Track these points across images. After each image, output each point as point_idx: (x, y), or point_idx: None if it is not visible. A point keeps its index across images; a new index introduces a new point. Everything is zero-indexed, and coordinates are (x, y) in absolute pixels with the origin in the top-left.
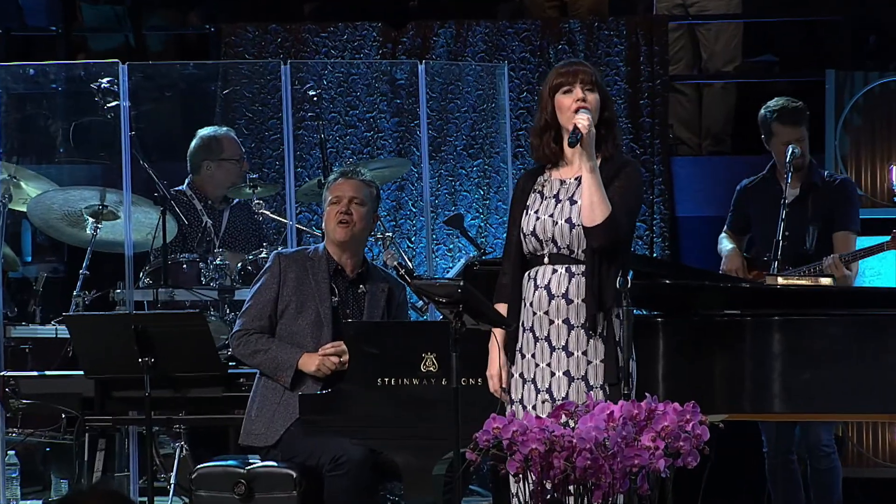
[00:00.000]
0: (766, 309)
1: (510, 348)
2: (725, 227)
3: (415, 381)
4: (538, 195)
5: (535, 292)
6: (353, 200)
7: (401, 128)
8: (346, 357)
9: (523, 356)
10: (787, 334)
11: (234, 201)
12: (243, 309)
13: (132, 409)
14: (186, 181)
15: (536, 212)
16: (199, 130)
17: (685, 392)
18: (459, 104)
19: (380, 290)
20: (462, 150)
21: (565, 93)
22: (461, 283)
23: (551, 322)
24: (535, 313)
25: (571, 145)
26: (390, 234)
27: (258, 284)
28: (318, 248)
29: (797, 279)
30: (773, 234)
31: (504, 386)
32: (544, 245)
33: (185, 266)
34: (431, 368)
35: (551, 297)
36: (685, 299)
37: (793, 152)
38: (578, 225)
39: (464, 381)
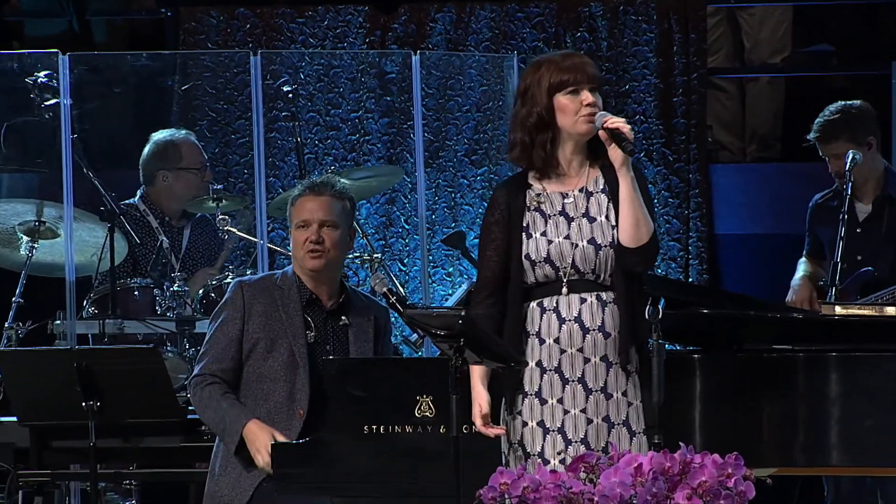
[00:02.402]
0: (822, 343)
1: (512, 391)
2: (804, 251)
3: (408, 429)
4: (536, 213)
5: (561, 326)
6: (325, 224)
7: (391, 130)
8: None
9: (544, 402)
10: (847, 373)
11: (196, 216)
12: (201, 351)
13: (74, 462)
14: (139, 193)
15: (544, 234)
16: (154, 134)
17: (726, 441)
18: (460, 102)
19: (365, 320)
20: (463, 157)
21: (570, 93)
22: (462, 314)
23: (587, 360)
24: (563, 351)
25: (631, 153)
26: (379, 255)
27: (218, 321)
28: (287, 272)
29: (858, 308)
30: (846, 258)
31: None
32: (561, 272)
33: (136, 293)
34: (427, 413)
35: (585, 331)
36: (727, 332)
37: (853, 158)
38: (605, 246)
39: (465, 429)
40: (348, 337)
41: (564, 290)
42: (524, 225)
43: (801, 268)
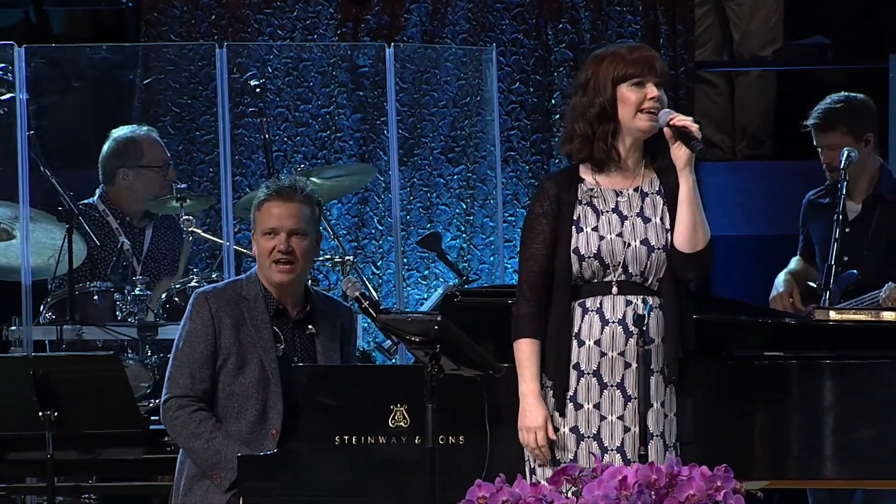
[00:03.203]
0: (816, 350)
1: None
2: (797, 250)
3: (382, 440)
4: (588, 208)
5: (603, 328)
6: (294, 233)
7: (364, 126)
8: None
9: (579, 407)
10: (842, 381)
11: (158, 217)
12: (171, 369)
13: (31, 475)
14: (98, 192)
15: (595, 229)
16: (114, 131)
17: (716, 452)
18: (436, 97)
19: (331, 327)
20: (440, 154)
21: (634, 85)
22: (438, 319)
23: (627, 365)
24: (604, 354)
25: (701, 153)
26: (351, 257)
27: (185, 336)
28: (251, 276)
29: (853, 314)
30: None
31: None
32: (609, 270)
33: (96, 297)
34: (402, 423)
35: (629, 335)
36: (716, 338)
37: (847, 156)
38: (658, 249)
39: (442, 440)
40: (316, 347)
41: (615, 289)
42: (574, 218)
43: (790, 266)
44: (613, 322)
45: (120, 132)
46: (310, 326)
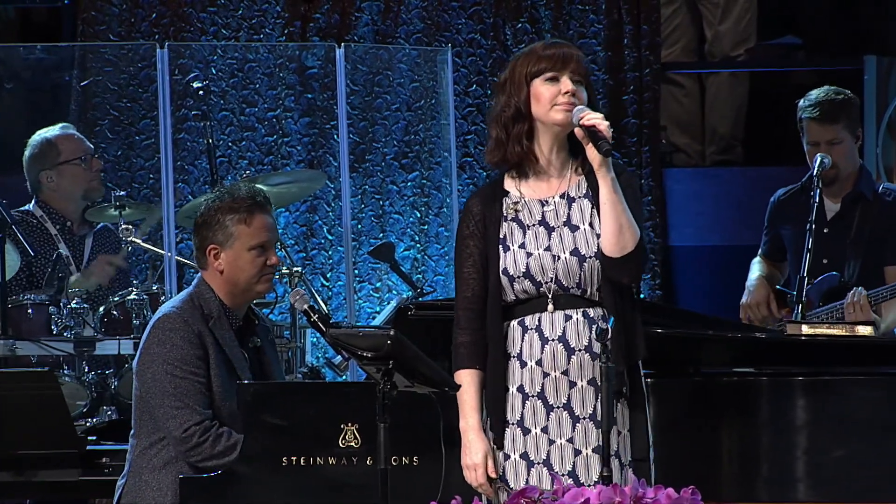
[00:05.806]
0: (787, 366)
1: (493, 420)
2: (759, 251)
3: (331, 461)
4: (514, 224)
5: (543, 347)
6: (275, 245)
7: (313, 130)
8: None
9: (527, 431)
10: (814, 398)
11: (98, 226)
12: (175, 397)
13: None
14: (34, 199)
15: (522, 246)
16: (32, 137)
17: (682, 473)
18: (389, 100)
19: (266, 337)
20: (392, 160)
21: (548, 80)
22: (391, 333)
23: (572, 384)
24: (546, 374)
25: (608, 154)
26: (299, 268)
27: (177, 361)
28: (202, 291)
29: (827, 327)
30: (811, 262)
31: (492, 476)
32: (543, 287)
33: (30, 310)
34: (353, 444)
35: (570, 351)
36: (683, 354)
37: (821, 162)
38: (590, 257)
39: (394, 461)
40: (262, 358)
41: (550, 306)
42: (501, 237)
43: (756, 268)
44: (553, 340)
45: (34, 137)
46: (256, 339)
